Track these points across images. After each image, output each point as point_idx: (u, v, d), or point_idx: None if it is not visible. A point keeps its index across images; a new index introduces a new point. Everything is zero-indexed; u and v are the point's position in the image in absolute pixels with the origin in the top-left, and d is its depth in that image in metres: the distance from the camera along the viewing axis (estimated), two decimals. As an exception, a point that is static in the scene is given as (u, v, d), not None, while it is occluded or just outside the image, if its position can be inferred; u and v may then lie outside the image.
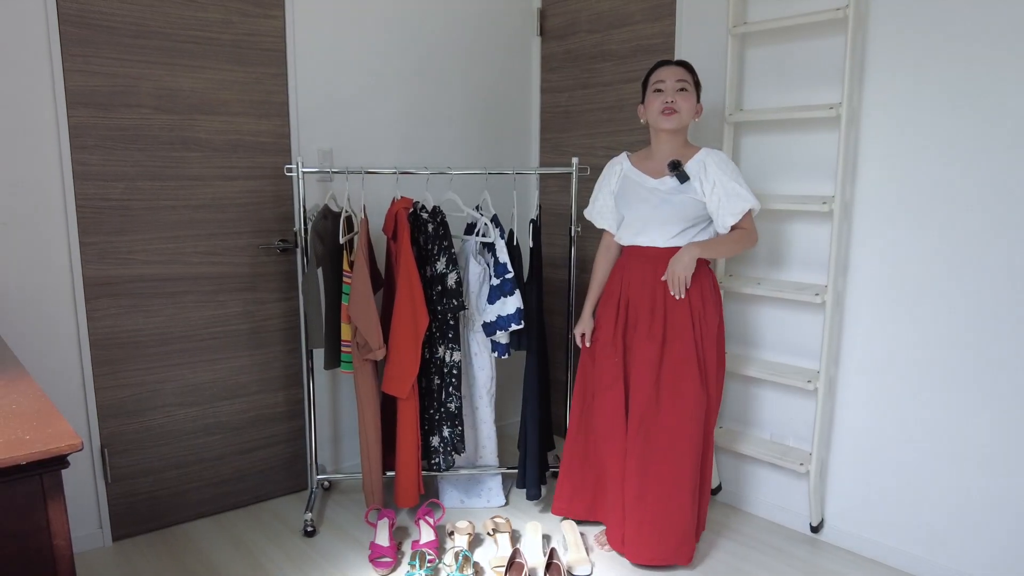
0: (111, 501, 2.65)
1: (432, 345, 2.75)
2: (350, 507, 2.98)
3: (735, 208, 2.38)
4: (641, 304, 2.46)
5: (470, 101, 3.43)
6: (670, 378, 2.42)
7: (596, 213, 2.65)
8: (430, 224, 2.71)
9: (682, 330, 2.41)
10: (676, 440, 2.41)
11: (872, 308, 2.51)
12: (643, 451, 2.43)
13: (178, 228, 2.68)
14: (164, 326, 2.69)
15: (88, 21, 2.42)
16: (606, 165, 2.64)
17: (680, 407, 2.40)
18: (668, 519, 2.43)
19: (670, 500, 2.42)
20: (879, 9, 2.39)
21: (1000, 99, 2.17)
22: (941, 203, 2.32)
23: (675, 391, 2.41)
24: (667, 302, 2.43)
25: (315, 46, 2.92)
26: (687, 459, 2.41)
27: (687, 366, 2.40)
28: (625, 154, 2.60)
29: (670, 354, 2.42)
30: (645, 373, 2.42)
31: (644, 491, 2.44)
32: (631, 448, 2.45)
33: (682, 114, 2.40)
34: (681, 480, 2.42)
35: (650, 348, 2.42)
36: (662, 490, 2.42)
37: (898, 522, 2.52)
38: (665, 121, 2.40)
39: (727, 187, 2.38)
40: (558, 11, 3.49)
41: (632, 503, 2.46)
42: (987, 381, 2.28)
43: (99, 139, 2.49)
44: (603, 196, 2.61)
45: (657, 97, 2.42)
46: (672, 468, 2.41)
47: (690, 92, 2.41)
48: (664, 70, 2.44)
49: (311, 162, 2.96)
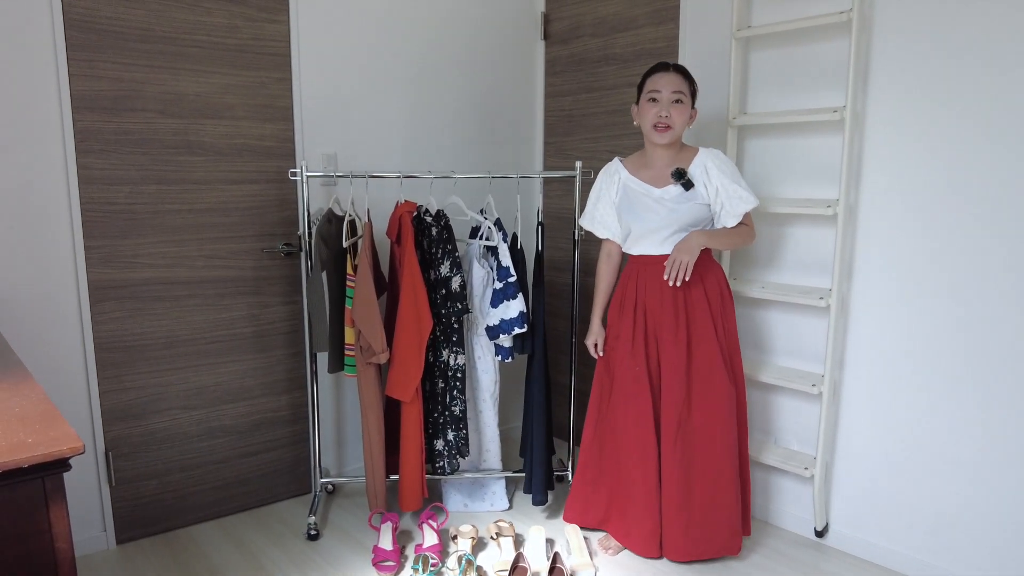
0: (115, 504, 2.66)
1: (436, 349, 2.76)
2: (354, 511, 2.98)
3: (737, 210, 2.41)
4: (663, 310, 2.45)
5: (474, 105, 3.43)
6: (700, 379, 2.44)
7: (597, 223, 2.62)
8: (434, 228, 2.71)
9: (705, 330, 2.44)
10: (713, 440, 2.44)
11: (877, 312, 2.50)
12: (683, 456, 2.45)
13: (182, 232, 2.69)
14: (168, 329, 2.70)
15: (94, 26, 2.43)
16: (600, 172, 2.62)
17: (713, 406, 2.43)
18: (716, 518, 2.47)
19: (715, 500, 2.46)
20: (883, 13, 2.39)
21: (1005, 103, 2.17)
22: (946, 207, 2.31)
23: (706, 391, 2.43)
24: (688, 305, 2.45)
25: (319, 50, 2.93)
26: (727, 457, 2.44)
27: (715, 365, 2.43)
28: (619, 161, 2.58)
29: (698, 355, 2.44)
30: (676, 378, 2.44)
31: (689, 495, 2.46)
32: (670, 455, 2.45)
33: (676, 128, 2.40)
34: (724, 478, 2.45)
35: (677, 353, 2.44)
36: (706, 492, 2.46)
37: (903, 527, 2.51)
38: (659, 137, 2.41)
39: (729, 189, 2.40)
40: (562, 15, 3.49)
41: (676, 509, 2.46)
42: (992, 386, 2.26)
43: (104, 143, 2.50)
44: (603, 206, 2.58)
45: (652, 108, 2.40)
46: (714, 468, 2.45)
47: (685, 103, 2.40)
48: (660, 77, 2.41)
49: (315, 166, 2.97)
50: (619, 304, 2.58)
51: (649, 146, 2.49)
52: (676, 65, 2.45)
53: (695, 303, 2.44)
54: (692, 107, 2.44)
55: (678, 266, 2.37)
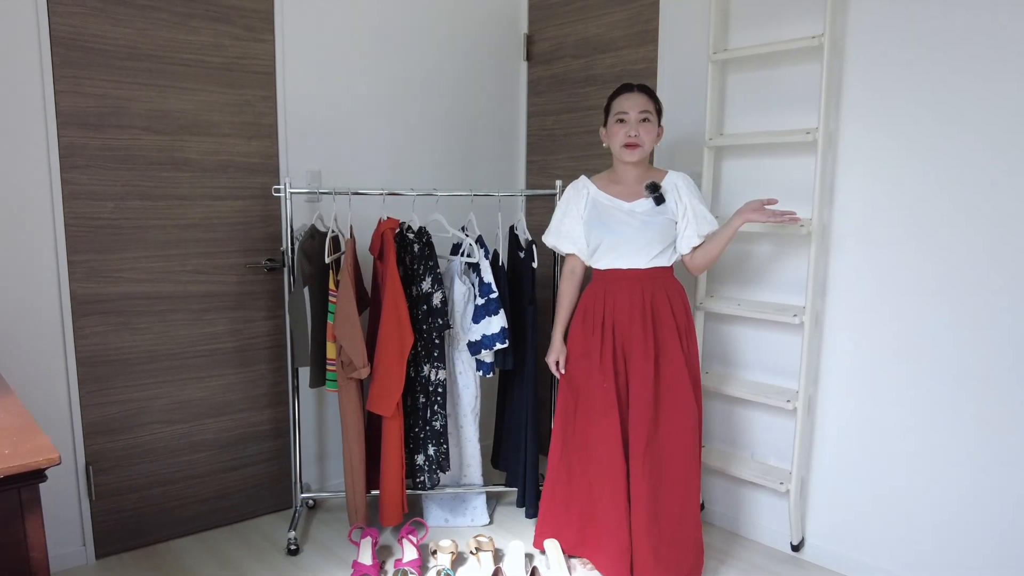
0: (95, 518, 2.66)
1: (417, 364, 2.78)
2: (334, 525, 2.99)
3: (702, 230, 2.45)
4: (632, 325, 2.46)
5: (458, 124, 3.48)
6: (668, 394, 2.43)
7: (563, 237, 2.59)
8: (416, 244, 2.74)
9: (672, 347, 2.44)
10: (681, 456, 2.43)
11: (850, 328, 2.55)
12: (651, 473, 2.42)
13: (167, 247, 2.72)
14: (152, 344, 2.72)
15: (80, 44, 2.46)
16: (568, 188, 2.62)
17: (680, 422, 2.42)
18: (684, 536, 2.45)
19: (684, 517, 2.44)
20: (854, 37, 2.46)
21: (974, 120, 2.23)
22: (917, 223, 2.37)
23: (673, 407, 2.43)
24: (656, 320, 2.45)
25: (305, 69, 2.97)
26: (693, 473, 2.44)
27: (681, 381, 2.43)
28: (585, 178, 2.59)
29: (664, 372, 2.44)
30: (645, 393, 2.42)
31: (658, 513, 2.42)
32: (638, 472, 2.41)
33: (645, 146, 2.44)
34: (690, 495, 2.44)
35: (647, 367, 2.43)
36: (675, 509, 2.43)
37: (878, 540, 2.54)
38: (628, 155, 2.45)
39: (698, 210, 2.45)
40: (545, 36, 3.56)
41: (645, 527, 2.40)
42: (966, 400, 2.31)
43: (89, 159, 2.53)
44: (570, 220, 2.57)
45: (620, 128, 2.45)
46: (682, 485, 2.43)
47: (652, 121, 2.44)
48: (626, 99, 2.46)
49: (299, 183, 3.01)
50: (583, 320, 2.56)
51: (619, 165, 2.52)
52: (640, 85, 2.49)
53: (663, 319, 2.45)
54: (659, 125, 2.49)
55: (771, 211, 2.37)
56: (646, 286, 2.47)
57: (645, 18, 3.08)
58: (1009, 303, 2.19)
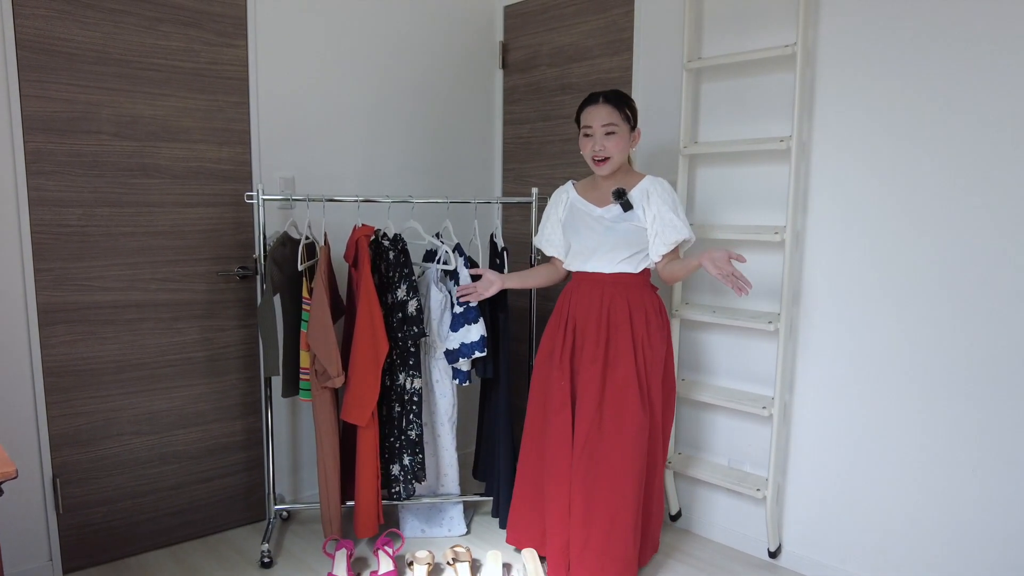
0: (62, 532, 2.60)
1: (392, 372, 2.75)
2: (309, 537, 2.94)
3: (668, 239, 2.42)
4: (588, 327, 2.48)
5: (433, 131, 3.47)
6: (612, 402, 2.43)
7: (545, 241, 2.70)
8: (391, 252, 2.72)
9: (624, 354, 2.43)
10: (618, 464, 2.41)
11: (825, 335, 2.57)
12: (587, 474, 2.43)
13: (136, 254, 2.67)
14: (120, 353, 2.66)
15: (46, 47, 2.42)
16: (553, 193, 2.69)
17: (622, 431, 2.41)
18: (611, 544, 2.41)
19: (613, 525, 2.41)
20: (826, 47, 2.48)
21: (944, 128, 2.26)
22: (890, 231, 2.39)
23: (617, 415, 2.42)
24: (611, 326, 2.46)
25: (278, 75, 2.94)
26: (630, 483, 2.41)
27: (628, 390, 2.41)
28: (571, 183, 2.65)
29: (612, 377, 2.44)
30: (589, 396, 2.44)
31: (589, 515, 2.42)
32: (576, 471, 2.44)
33: (613, 158, 2.45)
34: (624, 504, 2.41)
35: (594, 371, 2.44)
36: (606, 514, 2.41)
37: (855, 546, 2.55)
38: (598, 169, 2.48)
39: (665, 218, 2.42)
40: (520, 44, 3.56)
41: (578, 528, 2.44)
42: (940, 406, 2.33)
43: (57, 165, 2.48)
44: (551, 225, 2.67)
45: (587, 143, 2.46)
46: (616, 492, 2.41)
47: (619, 132, 2.43)
48: (591, 112, 2.45)
49: (273, 189, 2.97)
50: (554, 319, 2.62)
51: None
52: (606, 95, 2.46)
53: (617, 325, 2.45)
54: (633, 129, 2.49)
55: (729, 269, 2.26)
56: (606, 291, 2.48)
57: (620, 27, 3.09)
58: (979, 309, 2.22)
